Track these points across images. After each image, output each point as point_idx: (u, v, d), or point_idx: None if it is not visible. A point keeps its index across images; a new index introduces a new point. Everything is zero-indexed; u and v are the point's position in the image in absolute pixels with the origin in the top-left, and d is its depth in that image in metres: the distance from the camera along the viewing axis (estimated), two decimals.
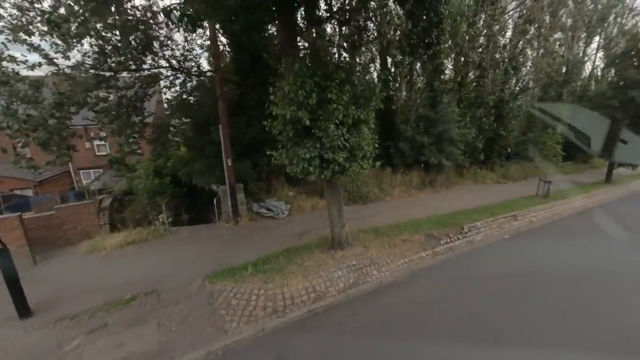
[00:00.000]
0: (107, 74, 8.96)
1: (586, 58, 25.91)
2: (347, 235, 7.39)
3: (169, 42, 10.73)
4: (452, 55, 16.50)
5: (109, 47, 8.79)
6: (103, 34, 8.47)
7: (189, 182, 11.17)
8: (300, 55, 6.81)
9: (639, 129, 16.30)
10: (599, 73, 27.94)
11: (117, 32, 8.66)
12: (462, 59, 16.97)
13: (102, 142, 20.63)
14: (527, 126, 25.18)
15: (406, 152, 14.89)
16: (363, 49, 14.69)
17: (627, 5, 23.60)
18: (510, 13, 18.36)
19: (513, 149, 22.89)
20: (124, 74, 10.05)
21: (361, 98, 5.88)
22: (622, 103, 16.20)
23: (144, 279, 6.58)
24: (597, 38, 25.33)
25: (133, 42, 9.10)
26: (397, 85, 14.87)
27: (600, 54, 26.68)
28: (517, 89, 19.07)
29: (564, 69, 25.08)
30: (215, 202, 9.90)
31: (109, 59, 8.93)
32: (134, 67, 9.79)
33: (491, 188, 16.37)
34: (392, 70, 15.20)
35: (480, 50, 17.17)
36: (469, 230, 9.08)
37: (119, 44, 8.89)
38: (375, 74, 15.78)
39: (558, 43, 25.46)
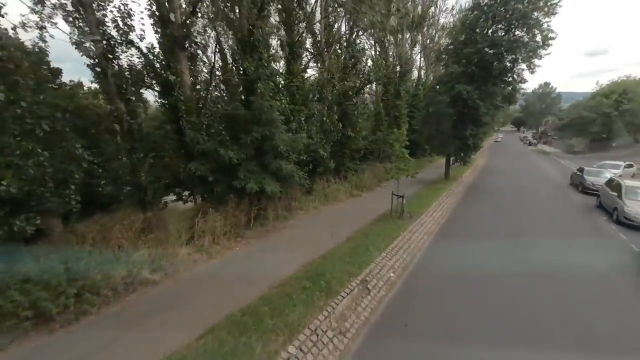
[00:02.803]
0: None
1: (414, 58, 27.28)
2: None
3: None
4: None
5: None
6: None
7: None
8: None
9: (467, 124, 16.07)
10: (423, 73, 30.70)
11: None
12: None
13: None
14: (376, 125, 24.43)
15: (208, 177, 8.79)
16: None
17: (440, 6, 25.78)
18: None
19: (365, 151, 21.04)
20: None
21: None
22: (451, 98, 15.54)
23: None
24: (420, 39, 26.88)
25: None
26: (176, 63, 8.49)
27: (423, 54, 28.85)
28: (359, 82, 16.32)
29: (398, 68, 25.55)
30: None
31: None
32: None
33: (343, 209, 12.50)
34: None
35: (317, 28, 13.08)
36: None
37: None
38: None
39: (389, 43, 26.00)
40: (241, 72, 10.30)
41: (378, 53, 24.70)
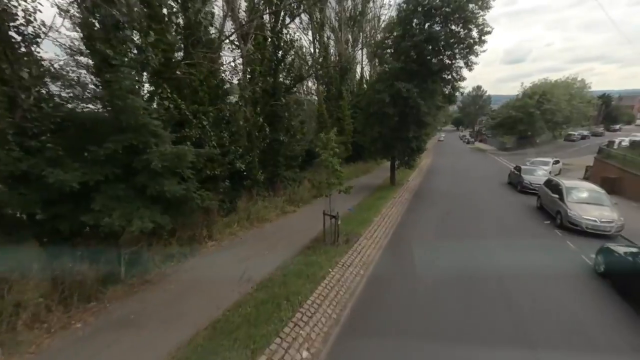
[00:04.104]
0: None
1: (355, 55, 26.10)
2: None
3: None
4: None
5: None
6: None
7: None
8: None
9: (409, 125, 14.86)
10: (367, 72, 29.84)
11: None
12: None
13: None
14: (319, 127, 22.51)
15: (35, 213, 5.68)
16: None
17: (378, 1, 24.91)
18: None
19: (310, 155, 18.95)
20: None
21: None
22: (391, 97, 14.16)
23: None
24: (360, 36, 25.79)
25: None
26: None
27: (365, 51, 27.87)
28: (289, 80, 14.11)
29: (339, 67, 24.08)
30: None
31: None
32: None
33: (268, 233, 10.12)
34: None
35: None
36: None
37: None
38: None
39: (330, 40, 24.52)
40: (106, 61, 7.30)
41: (317, 50, 23.04)
